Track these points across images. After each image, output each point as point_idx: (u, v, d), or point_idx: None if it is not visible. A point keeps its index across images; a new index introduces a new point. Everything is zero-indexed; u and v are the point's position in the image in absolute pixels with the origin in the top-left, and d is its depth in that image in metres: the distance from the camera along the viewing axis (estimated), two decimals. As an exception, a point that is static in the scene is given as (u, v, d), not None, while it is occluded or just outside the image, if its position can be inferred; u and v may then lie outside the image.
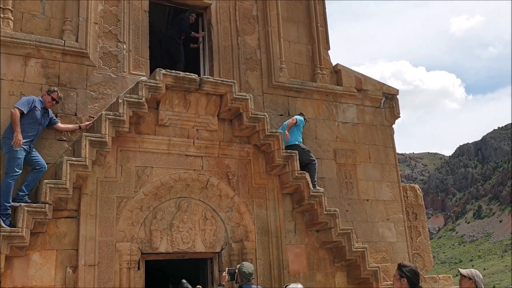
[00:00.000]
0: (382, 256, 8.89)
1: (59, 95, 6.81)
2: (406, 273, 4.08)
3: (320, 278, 8.02)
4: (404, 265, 4.18)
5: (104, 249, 6.65)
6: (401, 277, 4.10)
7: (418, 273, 4.12)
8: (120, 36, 7.79)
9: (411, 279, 4.05)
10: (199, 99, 7.64)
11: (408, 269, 4.10)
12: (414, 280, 4.06)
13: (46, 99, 6.69)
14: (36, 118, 6.47)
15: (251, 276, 5.34)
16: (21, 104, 6.39)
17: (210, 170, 7.69)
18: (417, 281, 4.07)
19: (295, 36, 9.55)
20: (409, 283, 4.05)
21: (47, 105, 6.69)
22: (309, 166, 8.17)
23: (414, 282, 4.05)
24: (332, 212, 7.91)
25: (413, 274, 4.07)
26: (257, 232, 7.77)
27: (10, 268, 6.05)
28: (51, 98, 6.71)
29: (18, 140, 6.16)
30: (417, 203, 10.28)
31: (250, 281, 5.30)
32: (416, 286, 4.06)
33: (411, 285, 4.05)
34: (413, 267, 4.16)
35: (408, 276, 4.06)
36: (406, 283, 4.06)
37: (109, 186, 6.93)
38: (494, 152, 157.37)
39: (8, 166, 6.20)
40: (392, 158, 9.71)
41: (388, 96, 10.06)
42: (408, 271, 4.08)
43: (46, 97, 6.70)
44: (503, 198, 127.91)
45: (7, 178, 6.14)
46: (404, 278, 4.08)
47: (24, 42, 6.90)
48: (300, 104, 9.06)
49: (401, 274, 4.11)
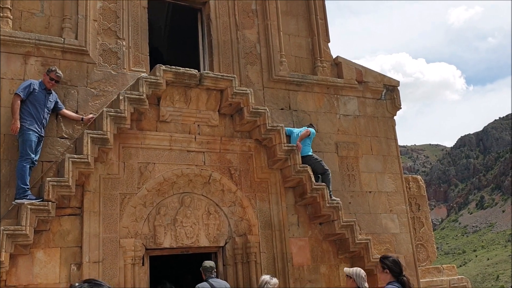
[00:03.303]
0: (386, 247, 8.90)
1: (57, 74, 6.80)
2: (388, 263, 4.23)
3: (324, 270, 8.04)
4: (386, 257, 4.34)
5: (108, 245, 6.67)
6: (383, 269, 4.26)
7: (400, 262, 4.24)
8: (119, 33, 7.78)
9: (393, 269, 4.19)
10: (200, 95, 7.63)
11: (390, 260, 4.25)
12: (396, 270, 4.19)
13: (45, 79, 6.72)
14: (39, 101, 6.52)
15: (213, 270, 6.41)
16: (20, 90, 6.45)
17: (212, 165, 7.70)
18: (399, 270, 4.20)
19: (294, 29, 9.52)
20: (392, 273, 4.20)
21: (48, 86, 6.71)
22: (324, 177, 8.19)
23: (396, 272, 4.19)
24: (335, 204, 7.92)
25: (394, 264, 4.21)
26: (260, 225, 7.78)
27: (15, 266, 6.08)
28: (50, 78, 6.72)
29: (16, 128, 6.26)
30: (420, 194, 10.29)
31: (212, 273, 6.35)
32: (399, 276, 4.18)
33: (394, 274, 4.19)
34: (395, 257, 4.30)
35: (390, 266, 4.21)
36: (389, 273, 4.21)
37: (112, 183, 6.94)
38: (495, 142, 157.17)
39: (22, 149, 6.29)
40: (394, 149, 9.70)
41: (389, 88, 10.04)
42: (390, 261, 4.23)
43: (45, 77, 6.73)
44: (506, 188, 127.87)
45: (21, 161, 6.23)
46: (386, 269, 4.23)
47: (23, 41, 6.89)
48: (301, 97, 9.05)
49: (383, 266, 4.26)
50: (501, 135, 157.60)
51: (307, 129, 8.26)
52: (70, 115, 6.99)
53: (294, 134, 8.28)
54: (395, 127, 9.92)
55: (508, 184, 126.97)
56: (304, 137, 8.16)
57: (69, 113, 6.98)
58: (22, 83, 6.62)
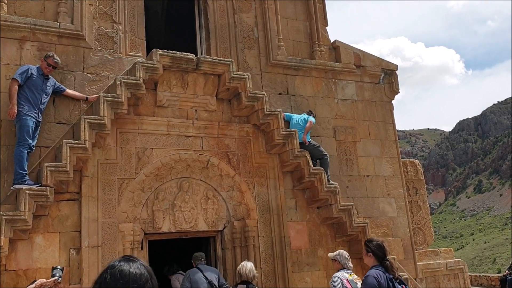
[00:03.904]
0: (383, 231, 8.96)
1: (55, 59, 6.78)
2: (372, 247, 4.26)
3: (322, 253, 8.10)
4: (370, 240, 4.38)
5: (107, 230, 6.70)
6: (367, 252, 4.29)
7: (383, 247, 4.26)
8: (115, 17, 7.71)
9: (377, 253, 4.22)
10: (197, 79, 7.60)
11: (373, 243, 4.28)
12: (380, 253, 4.22)
13: (42, 65, 6.70)
14: (36, 86, 6.50)
15: (202, 258, 6.81)
16: (17, 75, 6.43)
17: (210, 150, 7.70)
18: (383, 254, 4.22)
19: (292, 13, 9.45)
20: (375, 257, 4.23)
21: (45, 72, 6.69)
22: (322, 161, 8.24)
23: (380, 256, 4.21)
24: (333, 188, 7.94)
25: (378, 248, 4.24)
26: (259, 210, 7.82)
27: (14, 251, 6.11)
28: (47, 63, 6.70)
29: (13, 112, 6.25)
30: (417, 178, 10.33)
31: (202, 261, 6.76)
32: (383, 260, 4.21)
33: (378, 258, 4.22)
34: (379, 241, 4.32)
35: (373, 250, 4.24)
36: (373, 257, 4.24)
37: (110, 168, 6.95)
38: (494, 126, 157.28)
39: (19, 135, 6.30)
40: (391, 133, 9.71)
41: (387, 72, 10.01)
42: (373, 245, 4.26)
43: (43, 63, 6.71)
44: (503, 172, 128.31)
45: (19, 147, 6.24)
46: (370, 252, 4.26)
47: (19, 26, 6.84)
48: (299, 82, 9.02)
49: (367, 249, 4.30)
50: (499, 119, 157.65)
51: (310, 119, 8.21)
52: (74, 94, 7.00)
53: (294, 121, 8.26)
54: (393, 111, 9.91)
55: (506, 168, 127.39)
56: (309, 130, 8.16)
57: (72, 92, 7.00)
58: (20, 68, 6.59)
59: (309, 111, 8.60)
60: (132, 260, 1.82)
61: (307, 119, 8.21)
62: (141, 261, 1.86)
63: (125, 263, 1.79)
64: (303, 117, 8.29)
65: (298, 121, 8.22)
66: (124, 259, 1.82)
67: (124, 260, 1.82)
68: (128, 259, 1.82)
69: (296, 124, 8.18)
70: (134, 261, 1.82)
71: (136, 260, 1.83)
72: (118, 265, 1.78)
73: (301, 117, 8.29)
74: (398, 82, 10.05)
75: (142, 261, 1.86)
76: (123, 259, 1.82)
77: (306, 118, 8.24)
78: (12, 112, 6.25)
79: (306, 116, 8.30)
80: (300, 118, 8.28)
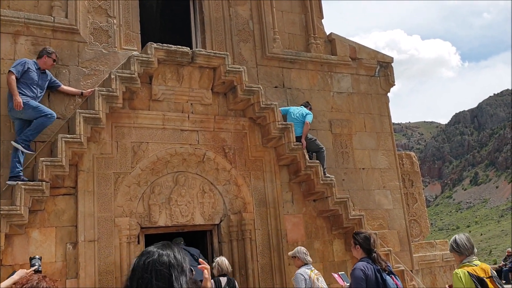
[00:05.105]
0: (379, 223, 9.00)
1: (56, 55, 6.79)
2: (359, 240, 4.28)
3: (318, 246, 8.14)
4: (357, 233, 4.40)
5: (103, 224, 6.71)
6: (355, 245, 4.32)
7: (371, 239, 4.27)
8: (110, 11, 7.68)
9: (364, 245, 4.24)
10: (192, 73, 7.58)
11: (361, 236, 4.30)
12: (366, 245, 4.24)
13: (48, 61, 6.70)
14: (32, 80, 6.48)
15: (181, 241, 6.91)
16: (14, 67, 6.39)
17: (206, 144, 7.70)
18: (369, 246, 4.24)
19: (287, 6, 9.42)
20: (362, 249, 4.25)
21: (48, 67, 6.70)
22: (318, 154, 8.25)
23: (367, 248, 4.24)
24: (329, 181, 7.96)
25: (365, 240, 4.26)
26: (255, 203, 7.83)
27: (10, 246, 6.11)
28: (53, 60, 6.73)
29: (18, 102, 6.20)
30: (413, 170, 10.36)
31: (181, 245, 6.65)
32: (370, 252, 4.23)
33: (365, 250, 4.24)
34: (367, 234, 4.34)
35: (360, 242, 4.26)
36: (360, 249, 4.27)
37: (106, 162, 6.94)
38: (490, 118, 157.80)
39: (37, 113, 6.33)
40: (387, 126, 9.72)
41: (382, 65, 10.01)
42: (361, 238, 4.28)
43: (47, 59, 6.70)
44: (499, 164, 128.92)
45: (42, 118, 6.34)
46: (357, 245, 4.29)
47: (12, 20, 6.80)
48: (295, 75, 9.01)
49: (355, 242, 4.33)
50: (495, 112, 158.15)
51: (307, 120, 8.11)
52: (69, 90, 6.99)
53: (291, 115, 8.23)
54: (389, 104, 9.92)
55: (502, 160, 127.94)
56: (306, 133, 8.14)
57: (68, 88, 6.99)
58: (16, 61, 6.56)
59: (306, 102, 8.58)
60: (168, 246, 1.89)
61: (304, 115, 8.17)
62: (177, 247, 1.90)
63: (162, 250, 1.86)
64: (300, 111, 8.24)
65: (296, 116, 8.17)
66: (162, 245, 1.90)
67: (162, 244, 1.89)
68: (165, 244, 1.90)
69: (294, 118, 8.15)
70: (168, 248, 1.88)
71: (170, 248, 1.88)
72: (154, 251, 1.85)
73: (299, 111, 8.25)
74: (394, 75, 10.06)
75: (178, 248, 1.90)
76: (158, 245, 1.89)
77: (303, 114, 8.19)
78: (17, 102, 6.18)
79: (304, 111, 8.24)
80: (298, 112, 8.24)
